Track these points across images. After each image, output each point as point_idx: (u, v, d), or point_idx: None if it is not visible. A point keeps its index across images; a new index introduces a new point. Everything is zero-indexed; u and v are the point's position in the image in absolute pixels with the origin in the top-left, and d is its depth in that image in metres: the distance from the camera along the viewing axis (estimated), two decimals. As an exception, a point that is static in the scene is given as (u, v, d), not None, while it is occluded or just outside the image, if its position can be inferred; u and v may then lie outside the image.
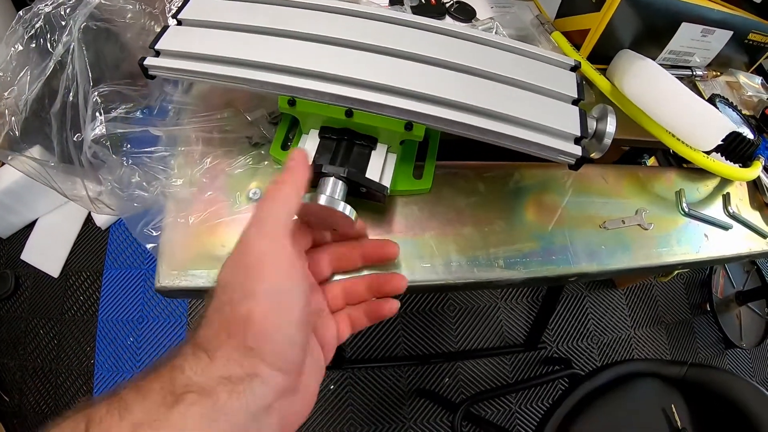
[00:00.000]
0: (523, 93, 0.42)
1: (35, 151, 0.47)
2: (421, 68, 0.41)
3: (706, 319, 1.58)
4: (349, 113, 0.39)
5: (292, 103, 0.39)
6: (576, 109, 0.42)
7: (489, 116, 0.39)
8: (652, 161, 0.89)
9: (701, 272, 1.62)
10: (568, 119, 0.41)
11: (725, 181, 0.61)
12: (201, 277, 0.43)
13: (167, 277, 0.42)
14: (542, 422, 0.76)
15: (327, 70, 0.39)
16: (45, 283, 1.46)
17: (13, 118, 0.45)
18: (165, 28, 0.42)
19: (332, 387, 1.30)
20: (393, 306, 0.37)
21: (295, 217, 0.32)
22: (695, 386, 0.79)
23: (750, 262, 1.58)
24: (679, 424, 0.75)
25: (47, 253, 1.48)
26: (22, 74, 0.46)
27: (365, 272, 0.42)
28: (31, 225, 1.52)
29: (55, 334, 1.39)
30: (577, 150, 0.39)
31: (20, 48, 0.46)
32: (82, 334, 1.37)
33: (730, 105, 0.65)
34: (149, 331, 1.37)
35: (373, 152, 0.42)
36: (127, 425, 0.22)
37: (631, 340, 1.47)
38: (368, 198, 0.42)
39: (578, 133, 0.40)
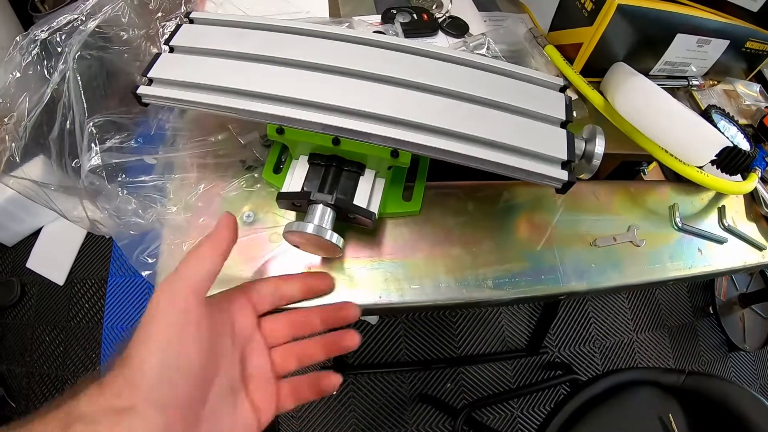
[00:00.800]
0: (510, 117, 0.42)
1: (36, 172, 0.48)
2: (407, 94, 0.41)
3: (709, 322, 1.57)
4: (336, 141, 0.39)
5: (280, 131, 0.39)
6: (564, 132, 0.42)
7: (474, 142, 0.39)
8: (652, 166, 0.88)
9: (704, 276, 1.61)
10: (555, 143, 0.41)
11: (721, 194, 0.61)
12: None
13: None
14: (541, 429, 0.77)
15: (313, 98, 0.39)
16: (50, 290, 1.48)
17: (13, 144, 0.46)
18: (157, 55, 0.42)
19: (334, 393, 1.30)
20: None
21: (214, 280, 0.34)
22: (693, 394, 0.79)
23: (748, 272, 1.57)
24: (676, 433, 0.75)
25: (52, 261, 1.50)
26: (21, 100, 0.47)
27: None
28: (36, 233, 1.54)
29: (60, 341, 1.40)
30: (564, 175, 0.39)
31: (18, 75, 0.47)
32: (88, 341, 1.39)
33: (726, 116, 0.64)
34: (153, 337, 1.38)
35: (361, 178, 0.43)
36: None
37: (634, 344, 1.47)
38: (356, 223, 0.43)
39: (565, 158, 0.40)
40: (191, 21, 0.47)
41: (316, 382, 0.38)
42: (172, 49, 0.44)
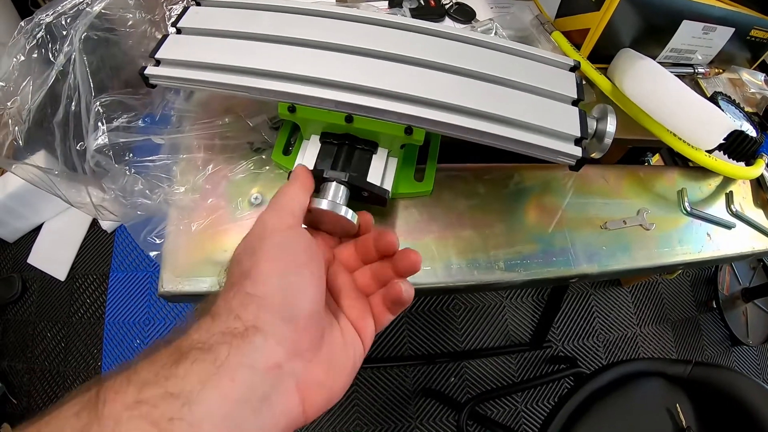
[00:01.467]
0: (523, 95, 0.42)
1: (39, 159, 0.48)
2: (420, 72, 0.41)
3: (713, 317, 1.57)
4: (349, 119, 0.39)
5: (292, 109, 0.39)
6: (576, 109, 0.42)
7: (488, 119, 0.39)
8: (656, 159, 0.88)
9: (707, 269, 1.61)
10: (568, 120, 0.41)
11: (728, 180, 0.61)
12: (204, 282, 0.43)
13: (170, 283, 0.43)
14: (546, 422, 0.76)
15: (326, 76, 0.39)
16: (52, 286, 1.47)
17: (16, 128, 0.46)
18: (165, 36, 0.42)
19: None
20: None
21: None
22: (700, 385, 0.79)
23: (756, 258, 1.57)
24: (683, 423, 0.75)
25: (54, 256, 1.49)
26: (24, 84, 0.46)
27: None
28: (37, 229, 1.53)
29: (62, 337, 1.40)
30: (578, 151, 0.40)
31: (22, 58, 0.47)
32: (89, 337, 1.38)
33: (733, 102, 0.64)
34: (156, 332, 1.38)
35: (374, 156, 0.42)
36: (135, 386, 0.22)
37: (637, 338, 1.47)
38: (370, 202, 0.42)
39: (578, 134, 0.40)
40: (198, 3, 0.46)
41: (393, 291, 0.34)
42: (179, 31, 0.44)
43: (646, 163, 0.85)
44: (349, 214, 0.36)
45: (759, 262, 1.58)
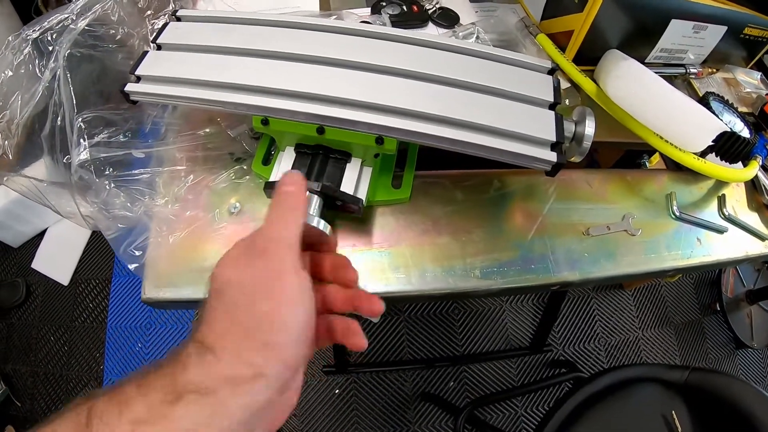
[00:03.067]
0: (497, 100, 0.41)
1: (29, 171, 0.49)
2: (392, 81, 0.41)
3: (716, 319, 1.55)
4: (320, 130, 0.39)
5: (265, 122, 0.39)
6: (552, 113, 0.42)
7: (460, 126, 0.39)
8: (656, 159, 0.87)
9: (710, 272, 1.59)
10: (544, 125, 0.40)
11: (721, 183, 0.59)
12: (185, 290, 0.44)
13: (152, 290, 0.44)
14: (540, 425, 0.76)
15: (296, 88, 0.39)
16: (55, 291, 1.49)
17: (6, 142, 0.46)
18: (144, 53, 0.43)
19: (337, 391, 1.30)
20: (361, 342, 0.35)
21: None
22: (697, 391, 0.78)
23: (761, 261, 1.55)
24: (679, 430, 0.74)
25: (57, 261, 1.51)
26: (12, 99, 0.47)
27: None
28: (41, 234, 1.56)
29: (65, 341, 1.42)
30: (553, 156, 0.39)
31: (10, 73, 0.48)
32: (92, 341, 1.40)
33: (725, 102, 0.63)
34: (157, 336, 1.39)
35: (347, 165, 0.43)
36: (127, 422, 0.22)
37: (640, 342, 1.45)
38: (345, 210, 0.42)
39: (554, 139, 0.39)
40: (178, 19, 0.47)
41: (348, 331, 0.35)
42: (159, 47, 0.45)
43: (643, 165, 0.84)
44: (321, 225, 0.36)
45: (764, 264, 1.55)
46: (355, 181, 0.42)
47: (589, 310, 1.47)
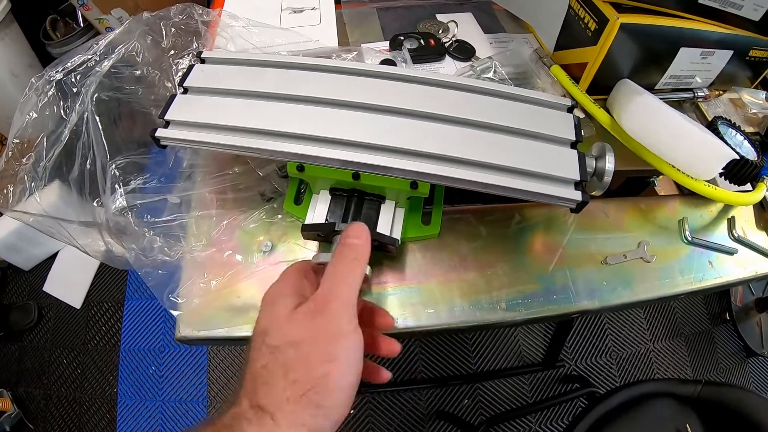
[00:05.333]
0: (522, 141, 0.43)
1: (52, 200, 0.49)
2: (423, 125, 0.42)
3: (726, 329, 1.55)
4: (356, 176, 0.40)
5: (300, 168, 0.40)
6: (575, 152, 0.43)
7: (490, 169, 0.40)
8: (662, 177, 0.88)
9: (719, 287, 1.59)
10: (567, 164, 0.41)
11: (730, 205, 0.61)
12: (219, 329, 0.45)
13: (187, 330, 0.45)
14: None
15: (331, 135, 0.40)
16: (67, 313, 1.50)
17: (33, 184, 0.47)
18: (172, 97, 0.44)
19: (352, 411, 1.30)
20: (385, 375, 0.38)
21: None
22: (710, 405, 0.78)
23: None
24: (694, 444, 0.75)
25: (69, 284, 1.52)
26: (38, 141, 0.48)
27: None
28: (52, 257, 1.57)
29: (78, 364, 1.42)
30: (578, 195, 0.40)
31: (35, 115, 0.49)
32: (105, 364, 1.41)
33: (733, 126, 0.64)
34: (171, 359, 1.39)
35: (382, 206, 0.44)
36: None
37: (651, 354, 1.45)
38: (381, 250, 0.44)
39: (578, 178, 0.41)
40: (203, 61, 0.48)
41: (373, 371, 0.37)
42: (186, 90, 0.46)
43: (653, 183, 0.85)
44: (367, 270, 0.37)
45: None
46: (390, 222, 0.43)
47: (600, 325, 1.47)
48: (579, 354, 1.42)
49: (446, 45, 0.63)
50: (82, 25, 1.64)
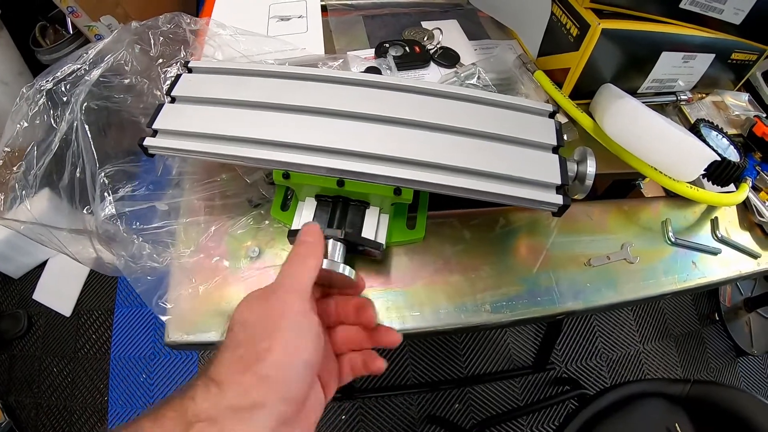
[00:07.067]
0: (505, 147, 0.43)
1: (42, 208, 0.50)
2: (407, 133, 0.43)
3: (716, 329, 1.56)
4: (340, 183, 0.41)
5: (286, 176, 0.41)
6: (556, 157, 0.44)
7: (473, 174, 0.41)
8: (648, 179, 0.89)
9: (706, 287, 1.61)
10: (549, 168, 0.42)
11: (713, 206, 0.61)
12: (209, 334, 0.45)
13: (176, 334, 0.45)
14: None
15: (316, 143, 0.41)
16: (57, 322, 1.48)
17: (23, 192, 0.48)
18: (160, 106, 0.44)
19: (343, 417, 1.30)
20: (380, 364, 0.39)
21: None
22: (699, 403, 0.79)
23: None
24: (683, 443, 0.75)
25: (59, 292, 1.51)
26: (28, 150, 0.48)
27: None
28: (42, 265, 1.56)
29: (68, 372, 1.41)
30: (559, 199, 0.41)
31: (26, 124, 0.49)
32: (95, 372, 1.40)
33: (715, 128, 0.65)
34: (161, 367, 1.39)
35: (367, 211, 0.45)
36: None
37: (641, 356, 1.46)
38: (366, 255, 0.44)
39: (559, 182, 0.41)
40: (190, 70, 0.49)
41: (368, 360, 0.39)
42: (173, 100, 0.46)
43: (638, 186, 0.87)
44: (347, 271, 0.38)
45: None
46: (374, 226, 0.44)
47: (589, 327, 1.48)
48: (569, 356, 1.43)
49: (431, 52, 0.64)
50: (71, 32, 1.63)
